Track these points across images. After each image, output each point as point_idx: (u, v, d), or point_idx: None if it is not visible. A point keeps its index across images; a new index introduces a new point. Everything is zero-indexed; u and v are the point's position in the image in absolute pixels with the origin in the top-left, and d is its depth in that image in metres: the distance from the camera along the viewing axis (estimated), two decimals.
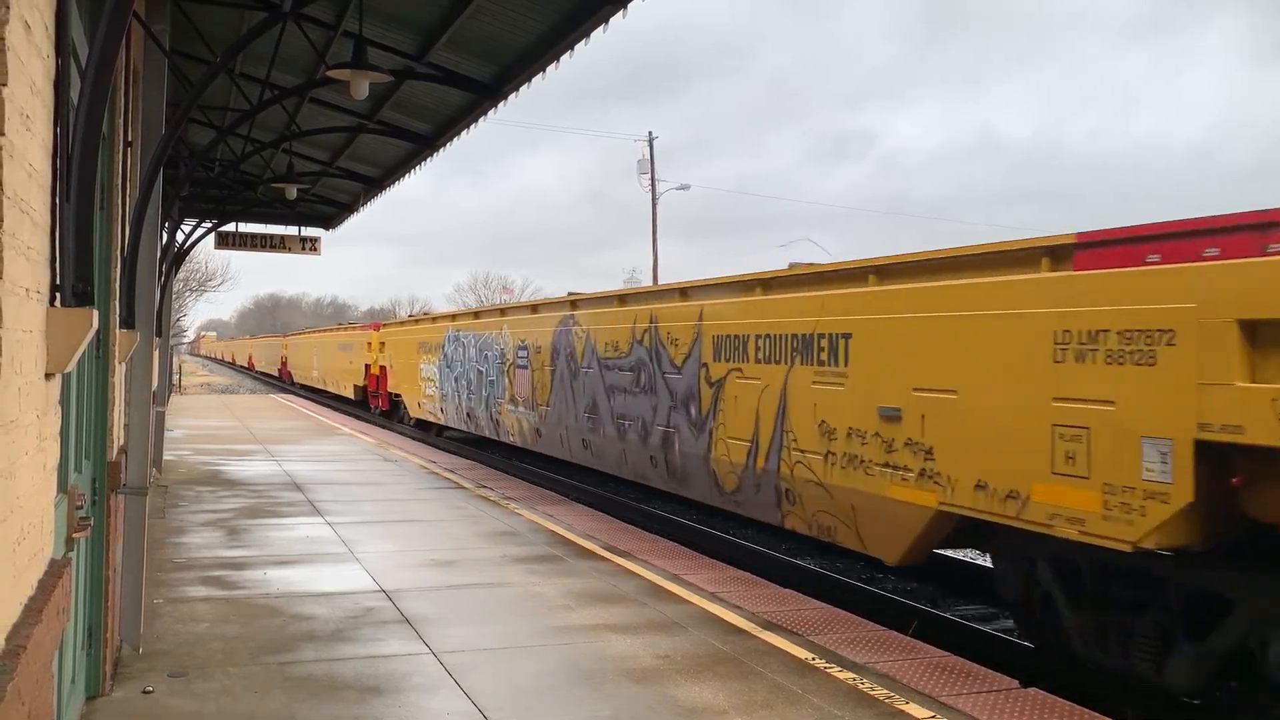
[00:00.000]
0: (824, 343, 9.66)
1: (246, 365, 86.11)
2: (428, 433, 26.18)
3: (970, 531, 8.38)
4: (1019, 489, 7.41)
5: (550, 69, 9.43)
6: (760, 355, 10.70)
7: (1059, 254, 7.44)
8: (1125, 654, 7.24)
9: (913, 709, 6.09)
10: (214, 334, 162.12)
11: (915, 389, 8.43)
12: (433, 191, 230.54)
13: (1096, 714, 6.28)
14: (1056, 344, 7.18)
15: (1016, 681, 6.86)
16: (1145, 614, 7.10)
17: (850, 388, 9.26)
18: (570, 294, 16.71)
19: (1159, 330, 6.52)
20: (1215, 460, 6.27)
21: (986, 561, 10.43)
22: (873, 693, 6.35)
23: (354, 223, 22.38)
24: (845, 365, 9.34)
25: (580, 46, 8.80)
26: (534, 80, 9.80)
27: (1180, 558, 6.76)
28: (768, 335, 10.56)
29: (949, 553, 11.15)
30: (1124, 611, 7.25)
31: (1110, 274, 6.93)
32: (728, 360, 11.33)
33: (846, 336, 9.37)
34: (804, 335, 9.95)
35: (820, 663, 6.93)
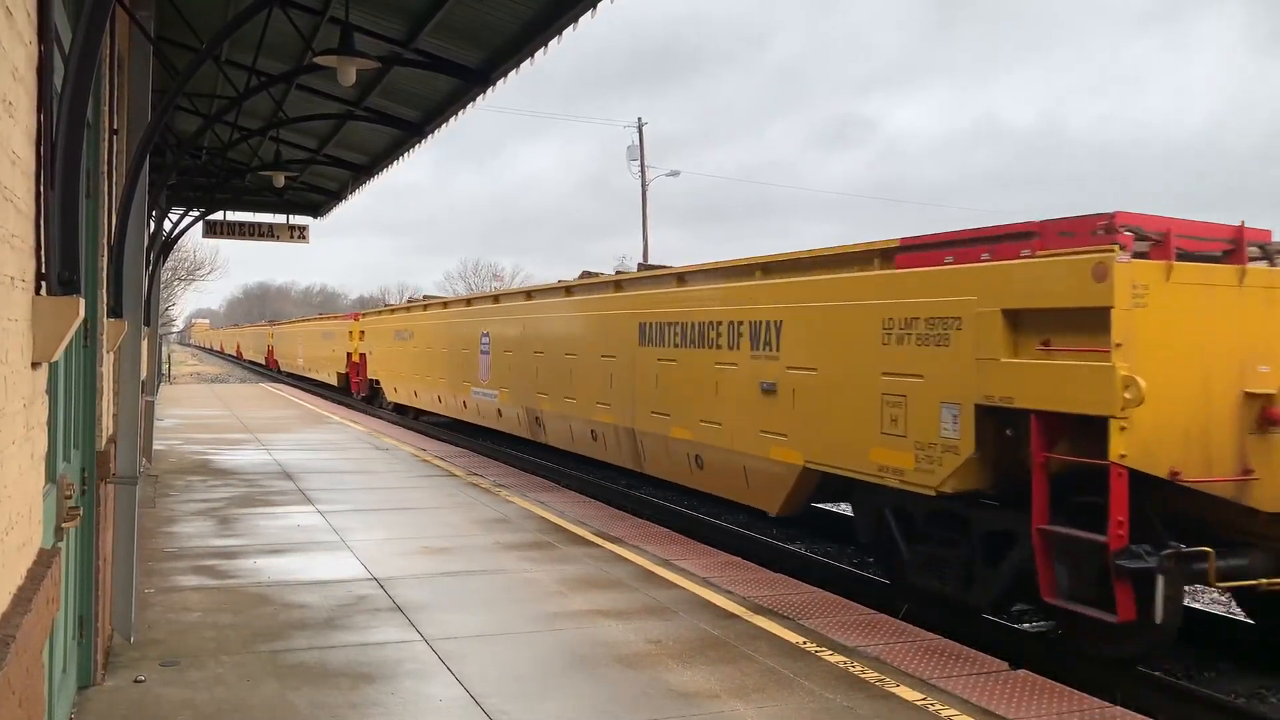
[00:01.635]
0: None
1: (265, 362, 62.01)
2: None
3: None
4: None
5: (539, 54, 9.39)
6: None
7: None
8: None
9: (904, 691, 6.12)
10: (206, 321, 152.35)
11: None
12: (434, 180, 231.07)
13: (1085, 694, 6.33)
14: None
15: (1007, 664, 6.90)
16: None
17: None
18: None
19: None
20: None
21: None
22: (864, 675, 6.38)
23: (346, 212, 22.09)
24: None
25: (569, 32, 8.77)
26: (523, 66, 9.76)
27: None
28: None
29: None
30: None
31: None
32: None
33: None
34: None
35: (811, 646, 6.96)
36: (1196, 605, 9.70)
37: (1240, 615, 9.19)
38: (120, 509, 6.72)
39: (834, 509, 13.17)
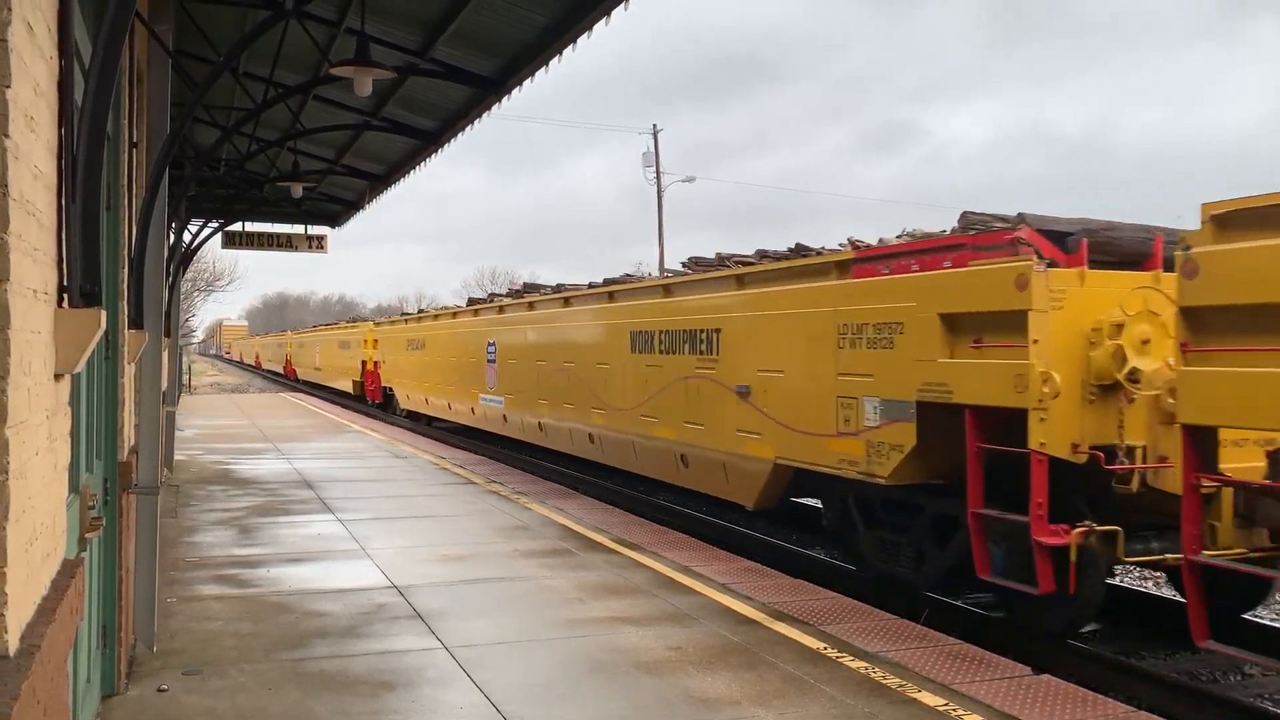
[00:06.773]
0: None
1: (284, 371, 54.11)
2: None
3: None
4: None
5: (554, 62, 9.42)
6: None
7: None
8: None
9: (925, 697, 6.08)
10: (245, 324, 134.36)
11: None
12: (480, 191, 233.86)
13: (1109, 699, 6.27)
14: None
15: (1029, 669, 6.85)
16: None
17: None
18: None
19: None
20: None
21: None
22: (885, 681, 6.35)
23: (376, 222, 21.92)
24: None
25: (584, 39, 8.79)
26: (538, 74, 9.79)
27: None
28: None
29: None
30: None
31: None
32: None
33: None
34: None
35: (832, 652, 6.93)
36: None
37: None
38: (142, 519, 6.77)
39: None
